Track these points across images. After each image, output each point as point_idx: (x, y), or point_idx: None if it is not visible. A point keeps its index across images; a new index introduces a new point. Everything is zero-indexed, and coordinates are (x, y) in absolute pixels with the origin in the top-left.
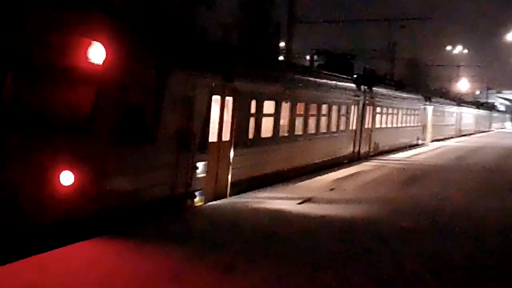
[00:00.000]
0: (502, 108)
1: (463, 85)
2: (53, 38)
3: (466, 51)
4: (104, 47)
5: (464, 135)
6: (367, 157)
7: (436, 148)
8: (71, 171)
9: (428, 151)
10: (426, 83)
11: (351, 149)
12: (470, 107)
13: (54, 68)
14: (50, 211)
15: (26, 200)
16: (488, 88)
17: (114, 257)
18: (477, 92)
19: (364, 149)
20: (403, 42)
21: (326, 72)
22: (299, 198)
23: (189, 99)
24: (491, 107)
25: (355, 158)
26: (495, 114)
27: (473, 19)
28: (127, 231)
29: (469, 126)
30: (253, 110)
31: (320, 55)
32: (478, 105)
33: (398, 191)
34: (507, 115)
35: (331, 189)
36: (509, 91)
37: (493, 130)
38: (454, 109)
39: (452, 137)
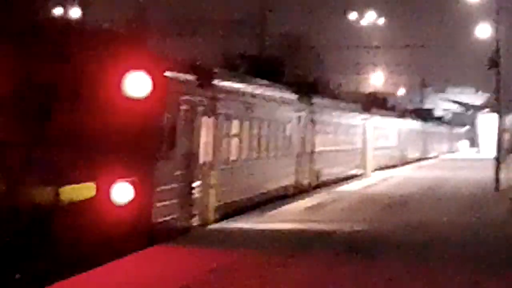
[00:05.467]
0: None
1: (377, 79)
2: None
3: (381, 20)
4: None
5: (408, 163)
6: (308, 190)
7: (384, 180)
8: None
9: (377, 184)
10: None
11: (294, 178)
12: (415, 121)
13: None
14: None
15: None
16: (423, 85)
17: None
18: (399, 92)
19: (306, 179)
20: (281, 10)
21: (266, 82)
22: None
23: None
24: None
25: (296, 191)
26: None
27: None
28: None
29: (415, 149)
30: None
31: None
32: (425, 117)
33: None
34: (461, 130)
35: None
36: (457, 89)
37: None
38: (396, 123)
39: (394, 166)
